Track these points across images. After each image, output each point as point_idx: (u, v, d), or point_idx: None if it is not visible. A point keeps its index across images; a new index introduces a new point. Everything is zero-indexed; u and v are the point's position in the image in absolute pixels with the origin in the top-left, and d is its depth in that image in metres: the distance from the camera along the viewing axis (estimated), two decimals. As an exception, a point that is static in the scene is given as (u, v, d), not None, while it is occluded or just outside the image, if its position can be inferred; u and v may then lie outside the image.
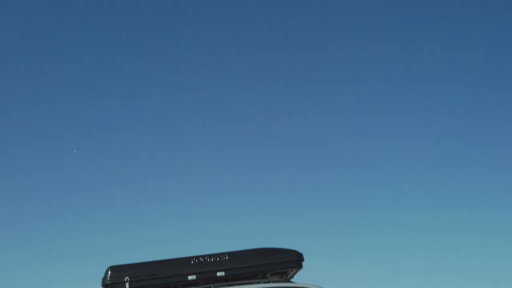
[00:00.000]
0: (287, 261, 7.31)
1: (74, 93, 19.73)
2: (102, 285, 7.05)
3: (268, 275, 7.37)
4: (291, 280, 7.53)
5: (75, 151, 18.33)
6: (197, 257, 7.17)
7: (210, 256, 7.17)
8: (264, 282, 7.13)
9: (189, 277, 7.04)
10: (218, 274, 7.09)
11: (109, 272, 7.00)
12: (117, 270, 7.01)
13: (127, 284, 6.93)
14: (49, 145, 19.53)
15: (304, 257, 7.42)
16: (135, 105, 20.25)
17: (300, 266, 7.38)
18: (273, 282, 7.17)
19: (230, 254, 7.22)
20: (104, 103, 20.13)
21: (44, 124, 20.03)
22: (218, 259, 7.16)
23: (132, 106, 20.25)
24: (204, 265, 7.10)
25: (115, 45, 20.31)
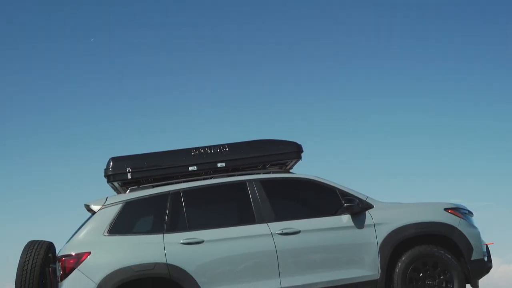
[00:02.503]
0: (287, 152, 7.36)
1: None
2: (104, 176, 7.15)
3: (267, 166, 7.46)
4: (291, 171, 7.64)
5: (92, 40, 18.26)
6: (198, 148, 7.22)
7: (210, 147, 7.22)
8: (264, 173, 7.23)
9: (190, 168, 7.12)
10: (219, 165, 7.16)
11: (111, 163, 7.08)
12: (118, 161, 7.08)
13: (128, 175, 7.02)
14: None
15: (303, 149, 7.49)
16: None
17: (299, 157, 7.46)
18: (273, 173, 7.27)
19: (230, 145, 7.26)
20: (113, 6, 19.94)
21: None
22: (218, 150, 7.21)
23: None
24: (205, 156, 7.16)
25: None
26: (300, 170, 7.58)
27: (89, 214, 6.93)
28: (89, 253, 6.37)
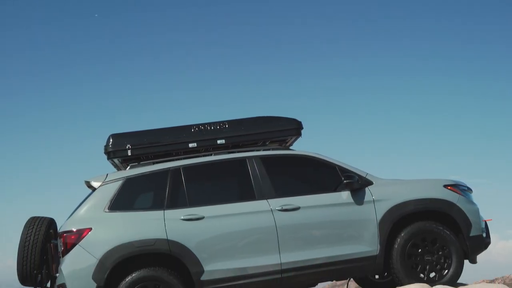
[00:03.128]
0: (287, 129, 7.37)
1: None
2: (105, 153, 7.16)
3: (267, 142, 7.47)
4: (290, 148, 7.65)
5: (96, 15, 18.42)
6: (198, 125, 7.22)
7: (210, 124, 7.22)
8: (264, 150, 7.24)
9: (190, 145, 7.13)
10: (219, 142, 7.17)
11: (111, 140, 7.08)
12: (118, 138, 7.09)
13: (128, 151, 7.03)
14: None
15: (303, 126, 7.49)
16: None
17: (299, 134, 7.46)
18: (273, 149, 7.28)
19: (230, 122, 7.27)
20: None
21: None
22: (218, 127, 7.21)
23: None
24: (205, 133, 7.17)
25: None
26: (300, 147, 7.59)
27: (90, 190, 6.95)
28: (90, 229, 6.40)
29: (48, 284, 6.71)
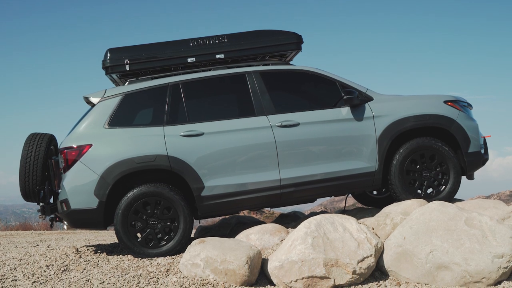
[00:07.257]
0: (286, 43, 7.24)
1: None
2: (103, 68, 7.06)
3: (267, 57, 7.36)
4: (290, 63, 7.54)
5: None
6: (196, 39, 7.09)
7: (209, 38, 7.09)
8: (263, 65, 7.14)
9: (189, 60, 7.03)
10: (218, 56, 7.07)
11: (109, 54, 6.96)
12: (116, 52, 6.96)
13: (127, 66, 6.94)
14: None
15: (303, 40, 7.36)
16: None
17: (299, 49, 7.34)
18: (272, 64, 7.18)
19: (229, 36, 7.13)
20: None
21: None
22: (217, 41, 7.08)
23: None
24: (204, 47, 7.05)
25: None
26: (300, 62, 7.49)
27: (89, 106, 6.91)
28: (91, 145, 6.42)
29: (51, 200, 6.79)
